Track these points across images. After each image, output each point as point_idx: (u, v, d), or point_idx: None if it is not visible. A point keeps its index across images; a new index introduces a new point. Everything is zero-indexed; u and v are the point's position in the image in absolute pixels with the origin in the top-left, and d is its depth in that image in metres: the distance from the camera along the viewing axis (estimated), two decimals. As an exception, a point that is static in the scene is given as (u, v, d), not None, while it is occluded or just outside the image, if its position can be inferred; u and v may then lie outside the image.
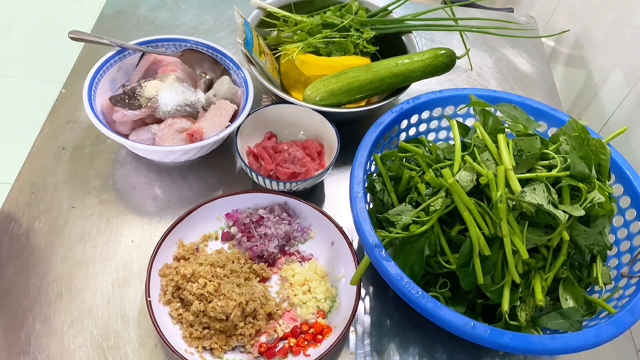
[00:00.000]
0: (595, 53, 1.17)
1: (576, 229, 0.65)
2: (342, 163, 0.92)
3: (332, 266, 0.79)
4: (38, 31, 2.21)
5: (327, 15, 0.97)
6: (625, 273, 0.68)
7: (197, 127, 0.83)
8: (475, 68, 1.15)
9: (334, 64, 0.93)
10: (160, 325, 0.68)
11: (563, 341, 0.58)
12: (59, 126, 0.92)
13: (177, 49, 0.94)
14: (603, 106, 1.11)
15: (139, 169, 0.88)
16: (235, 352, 0.70)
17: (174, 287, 0.72)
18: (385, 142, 0.79)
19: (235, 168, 0.90)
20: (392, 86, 0.90)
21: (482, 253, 0.62)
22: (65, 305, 0.72)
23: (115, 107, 0.84)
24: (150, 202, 0.85)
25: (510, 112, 0.72)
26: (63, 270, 0.76)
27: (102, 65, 0.87)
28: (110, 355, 0.69)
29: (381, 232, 0.66)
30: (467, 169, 0.65)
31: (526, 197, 0.60)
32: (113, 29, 1.10)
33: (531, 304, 0.65)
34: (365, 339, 0.74)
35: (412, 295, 0.60)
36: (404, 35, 0.99)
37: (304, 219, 0.83)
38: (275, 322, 0.73)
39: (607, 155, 0.69)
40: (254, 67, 0.90)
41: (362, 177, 0.70)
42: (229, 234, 0.81)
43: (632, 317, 0.61)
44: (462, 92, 0.82)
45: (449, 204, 0.65)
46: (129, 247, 0.79)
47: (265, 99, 1.01)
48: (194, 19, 1.15)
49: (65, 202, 0.83)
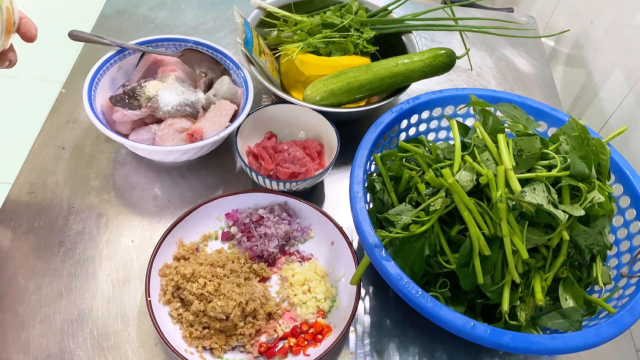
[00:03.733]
0: (595, 53, 1.17)
1: (576, 228, 0.65)
2: (342, 163, 0.92)
3: (332, 266, 0.79)
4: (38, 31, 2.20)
5: (327, 15, 0.97)
6: (625, 273, 0.68)
7: (197, 127, 0.83)
8: (475, 68, 1.15)
9: (334, 64, 0.93)
10: (160, 325, 0.68)
11: (563, 341, 0.58)
12: (59, 126, 0.92)
13: (177, 48, 0.94)
14: (603, 106, 1.11)
15: (139, 168, 0.88)
16: (235, 352, 0.70)
17: (174, 286, 0.72)
18: (385, 142, 0.79)
19: (235, 168, 0.90)
20: (392, 86, 0.90)
21: (482, 253, 0.62)
22: (66, 305, 0.72)
23: (115, 107, 0.84)
24: (150, 202, 0.85)
25: (510, 112, 0.72)
26: (63, 270, 0.76)
27: (102, 65, 0.87)
28: (110, 355, 0.69)
29: (381, 232, 0.66)
30: (467, 169, 0.65)
31: (526, 197, 0.60)
32: (113, 28, 1.10)
33: (531, 303, 0.65)
34: (365, 339, 0.74)
35: (412, 295, 0.60)
36: (404, 35, 0.99)
37: (304, 218, 0.83)
38: (275, 322, 0.73)
39: (607, 155, 0.69)
40: (254, 67, 0.90)
41: (362, 177, 0.70)
42: (229, 233, 0.81)
43: (632, 317, 0.61)
44: (462, 92, 0.82)
45: (449, 204, 0.65)
46: (129, 247, 0.79)
47: (265, 99, 1.01)
48: (194, 19, 1.15)
49: (65, 202, 0.83)
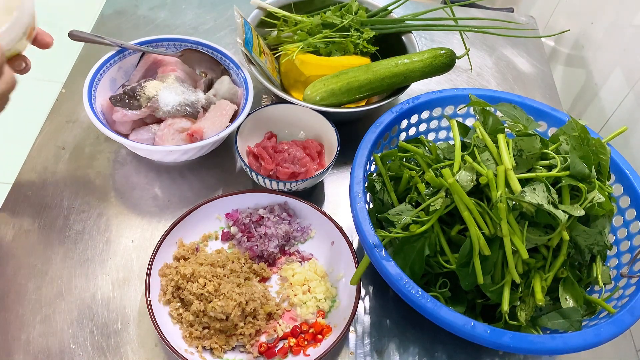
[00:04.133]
0: (595, 53, 1.17)
1: (576, 228, 0.65)
2: (342, 163, 0.92)
3: (332, 266, 0.79)
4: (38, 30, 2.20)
5: (327, 15, 0.97)
6: (625, 273, 0.68)
7: (197, 127, 0.83)
8: (475, 68, 1.15)
9: (334, 64, 0.93)
10: (160, 325, 0.68)
11: (563, 341, 0.58)
12: (59, 126, 0.92)
13: (177, 48, 0.94)
14: (603, 106, 1.11)
15: (139, 168, 0.88)
16: (235, 352, 0.70)
17: (174, 287, 0.72)
18: (385, 142, 0.79)
19: (235, 168, 0.90)
20: (392, 86, 0.90)
21: (482, 253, 0.62)
22: (66, 305, 0.72)
23: (115, 107, 0.84)
24: (150, 202, 0.85)
25: (510, 112, 0.72)
26: (63, 270, 0.76)
27: (102, 65, 0.87)
28: (110, 355, 0.69)
29: (381, 232, 0.66)
30: (467, 169, 0.65)
31: (526, 197, 0.60)
32: (113, 28, 1.10)
33: (531, 303, 0.65)
34: (365, 339, 0.74)
35: (412, 295, 0.60)
36: (404, 35, 0.99)
37: (303, 218, 0.83)
38: (275, 322, 0.73)
39: (607, 155, 0.69)
40: (254, 67, 0.90)
41: (362, 177, 0.70)
42: (229, 233, 0.81)
43: (631, 317, 0.61)
44: (462, 92, 0.81)
45: (449, 204, 0.65)
46: (128, 247, 0.79)
47: (265, 99, 1.01)
48: (193, 19, 1.15)
49: (65, 202, 0.83)
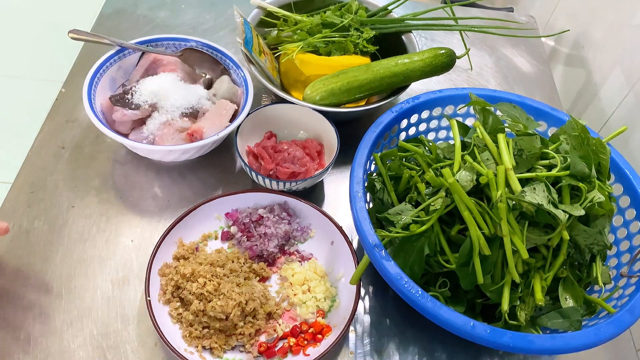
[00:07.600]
0: (595, 53, 1.17)
1: (576, 228, 0.65)
2: (342, 163, 0.92)
3: (331, 266, 0.79)
4: (38, 30, 2.21)
5: (327, 14, 0.97)
6: (624, 273, 0.68)
7: (196, 126, 0.83)
8: (475, 68, 1.15)
9: (333, 64, 0.93)
10: (159, 325, 0.68)
11: (563, 341, 0.58)
12: (58, 125, 0.92)
13: (176, 48, 0.94)
14: (603, 106, 1.11)
15: (138, 168, 0.88)
16: (235, 352, 0.70)
17: (174, 286, 0.72)
18: (385, 141, 0.79)
19: (235, 168, 0.90)
20: (392, 86, 0.90)
21: (482, 253, 0.62)
22: (65, 305, 0.72)
23: (115, 106, 0.84)
24: (149, 202, 0.84)
25: (510, 112, 0.72)
26: (63, 270, 0.76)
27: (102, 64, 0.87)
28: (110, 354, 0.69)
29: (381, 232, 0.66)
30: (467, 169, 0.65)
31: (526, 197, 0.60)
32: (113, 28, 1.10)
33: (531, 303, 0.65)
34: (365, 339, 0.74)
35: (412, 294, 0.60)
36: (403, 34, 0.99)
37: (303, 218, 0.83)
38: (274, 322, 0.73)
39: (607, 155, 0.69)
40: (253, 66, 0.90)
41: (362, 176, 0.70)
42: (229, 233, 0.81)
43: (631, 317, 0.61)
44: (462, 91, 0.81)
45: (449, 204, 0.65)
46: (128, 247, 0.79)
47: (265, 99, 1.01)
48: (193, 19, 1.15)
49: (65, 202, 0.83)
